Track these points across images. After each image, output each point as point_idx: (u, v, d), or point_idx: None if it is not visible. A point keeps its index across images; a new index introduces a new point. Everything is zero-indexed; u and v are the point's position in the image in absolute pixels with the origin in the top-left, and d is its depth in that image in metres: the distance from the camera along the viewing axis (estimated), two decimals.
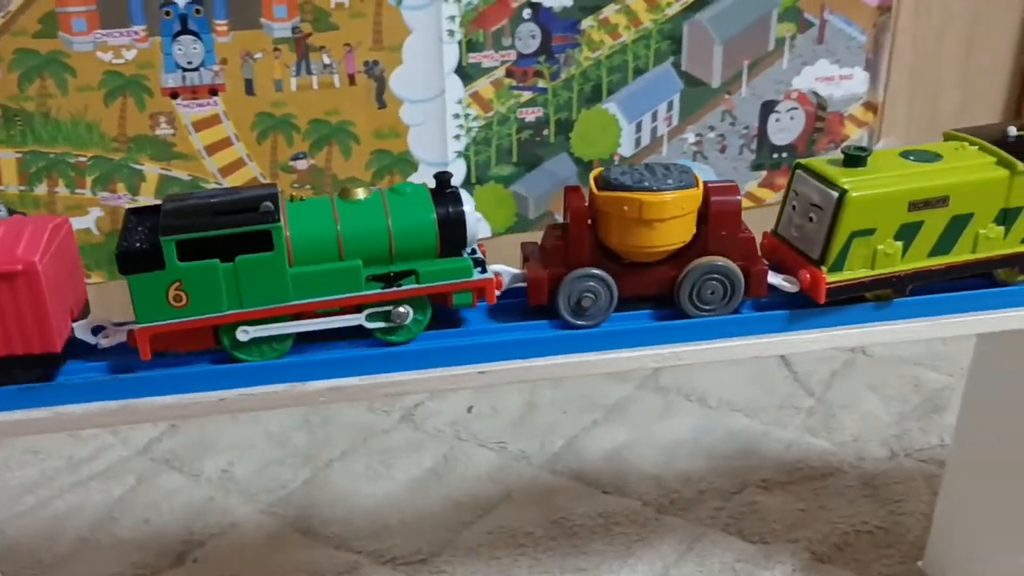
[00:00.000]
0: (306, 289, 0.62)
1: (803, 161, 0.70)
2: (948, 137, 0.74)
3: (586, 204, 0.66)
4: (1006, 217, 0.69)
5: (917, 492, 1.05)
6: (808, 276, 0.67)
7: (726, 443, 1.15)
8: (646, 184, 0.64)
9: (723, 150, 1.36)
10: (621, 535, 1.01)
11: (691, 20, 1.28)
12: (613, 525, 1.02)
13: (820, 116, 1.38)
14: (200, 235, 0.60)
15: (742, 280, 0.67)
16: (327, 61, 1.19)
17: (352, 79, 1.21)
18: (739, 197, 0.67)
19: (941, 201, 0.67)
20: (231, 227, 0.60)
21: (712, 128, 1.35)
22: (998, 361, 0.84)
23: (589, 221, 0.66)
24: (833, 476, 1.09)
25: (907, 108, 1.42)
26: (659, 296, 0.68)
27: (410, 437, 1.17)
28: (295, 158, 1.24)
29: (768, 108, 1.36)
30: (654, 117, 1.32)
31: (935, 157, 0.69)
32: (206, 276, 0.60)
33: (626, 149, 1.33)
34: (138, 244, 0.60)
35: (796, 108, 1.37)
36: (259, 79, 1.18)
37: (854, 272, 0.68)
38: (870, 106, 1.39)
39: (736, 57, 1.31)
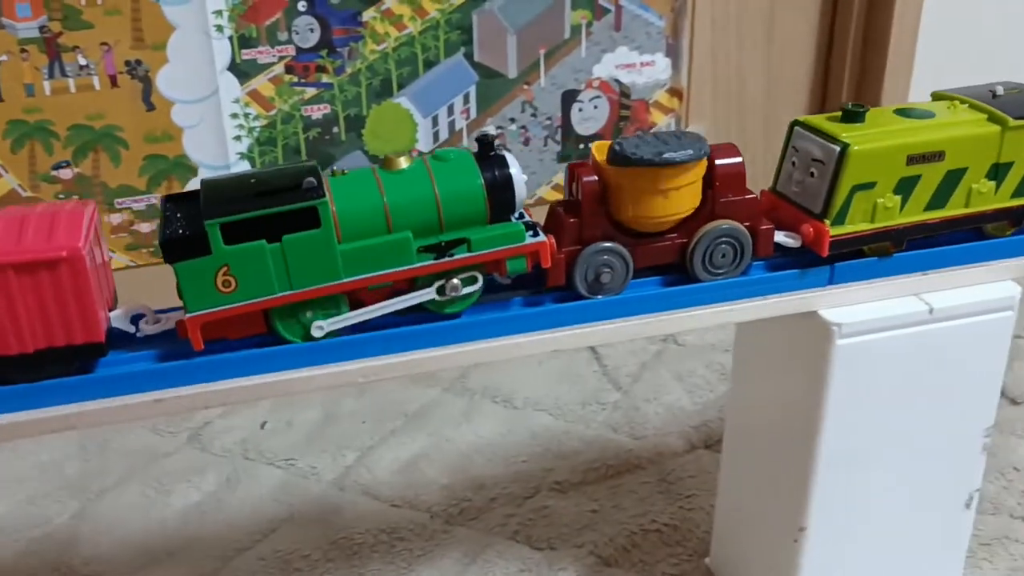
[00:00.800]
0: (357, 265, 0.61)
1: (802, 118, 0.72)
2: (937, 97, 0.76)
3: (596, 179, 0.66)
4: (997, 172, 0.72)
5: (710, 485, 1.03)
6: (811, 230, 0.69)
7: (526, 445, 1.11)
8: (665, 156, 0.63)
9: (527, 142, 1.33)
10: (404, 551, 0.96)
11: (480, 9, 1.24)
12: (397, 541, 0.97)
13: (625, 104, 1.35)
14: (245, 216, 0.58)
15: (751, 242, 0.68)
16: (83, 62, 1.11)
17: (114, 80, 1.13)
18: (741, 158, 0.68)
19: (938, 156, 0.69)
20: (276, 206, 0.58)
21: (513, 120, 1.31)
22: (752, 344, 0.82)
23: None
24: (630, 473, 1.06)
25: (712, 92, 1.41)
26: (671, 265, 0.69)
27: (194, 459, 1.10)
28: (57, 167, 1.15)
29: (570, 98, 1.32)
30: (451, 111, 1.28)
31: (929, 114, 0.72)
32: (254, 258, 0.59)
33: (424, 144, 1.28)
34: (181, 231, 0.58)
35: (599, 97, 1.34)
36: (6, 83, 1.09)
37: (855, 225, 0.69)
38: (675, 92, 1.37)
39: (531, 46, 1.28)
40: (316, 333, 0.61)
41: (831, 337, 0.70)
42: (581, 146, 1.35)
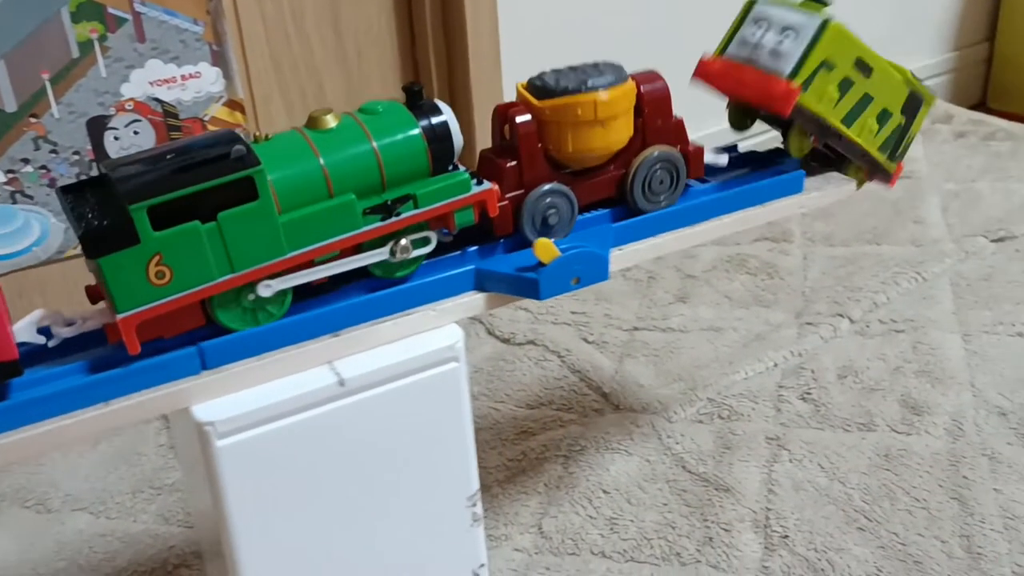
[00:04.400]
0: (301, 237, 0.56)
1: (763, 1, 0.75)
2: None
3: (531, 119, 0.64)
4: (881, 116, 0.75)
5: None
6: (781, 86, 0.69)
7: (49, 561, 0.92)
8: (590, 83, 0.63)
9: (53, 184, 1.12)
10: None
11: None
12: None
13: (174, 125, 1.17)
14: (175, 195, 0.51)
15: (685, 165, 0.68)
16: None
17: None
18: (664, 82, 0.67)
19: (869, 71, 0.73)
20: (208, 180, 0.52)
21: (27, 161, 1.09)
22: (179, 437, 0.66)
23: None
24: (179, 573, 0.89)
25: (283, 101, 1.24)
26: (609, 199, 0.69)
27: None
28: None
29: (99, 126, 1.12)
30: None
31: None
32: (189, 243, 0.53)
33: None
34: (100, 221, 0.51)
35: (138, 120, 1.14)
36: None
37: (807, 102, 0.71)
38: (235, 105, 1.20)
39: (30, 71, 1.06)
40: (264, 292, 0.56)
41: (209, 439, 0.54)
42: None
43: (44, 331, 0.57)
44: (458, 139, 0.60)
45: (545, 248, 0.60)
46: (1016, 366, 1.07)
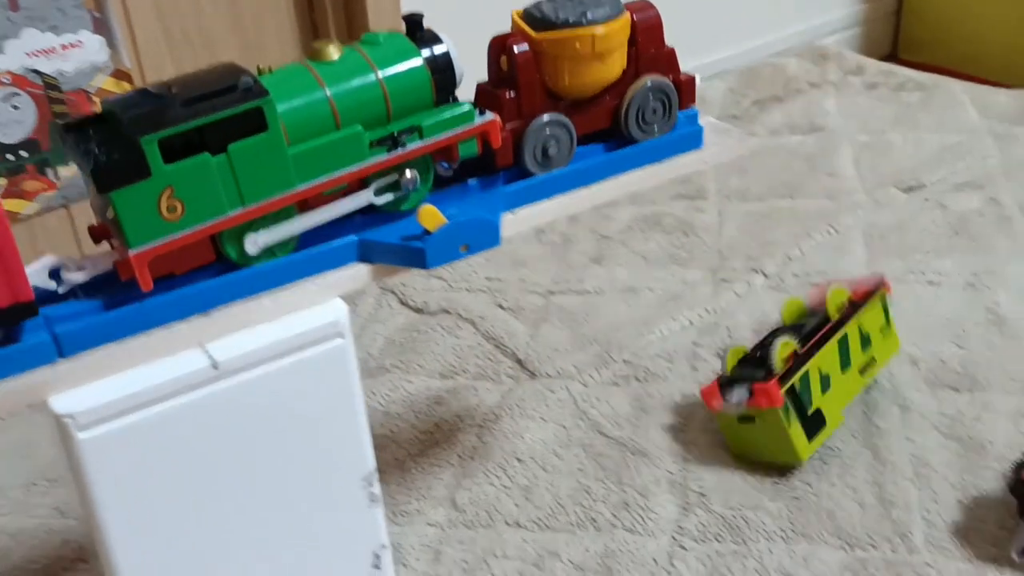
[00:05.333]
0: (309, 169, 0.56)
1: None
2: None
3: (529, 48, 0.63)
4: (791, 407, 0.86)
5: None
6: None
7: None
8: (590, 16, 0.62)
9: None
10: None
11: None
12: None
13: (56, 98, 1.11)
14: (186, 127, 0.51)
15: (677, 94, 0.68)
16: None
17: None
18: (657, 10, 0.67)
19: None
20: (218, 111, 0.51)
21: None
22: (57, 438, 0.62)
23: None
24: (66, 572, 0.85)
25: (176, 68, 1.19)
26: (603, 131, 0.68)
27: None
28: None
29: None
30: None
31: None
32: (200, 175, 0.52)
33: None
34: (110, 155, 0.50)
35: (17, 94, 1.08)
36: None
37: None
38: (122, 75, 1.14)
39: None
40: (251, 250, 0.55)
41: (69, 431, 0.51)
42: (10, 157, 1.10)
43: (54, 275, 0.55)
44: (459, 68, 0.60)
45: (430, 216, 0.57)
46: (927, 314, 1.08)
